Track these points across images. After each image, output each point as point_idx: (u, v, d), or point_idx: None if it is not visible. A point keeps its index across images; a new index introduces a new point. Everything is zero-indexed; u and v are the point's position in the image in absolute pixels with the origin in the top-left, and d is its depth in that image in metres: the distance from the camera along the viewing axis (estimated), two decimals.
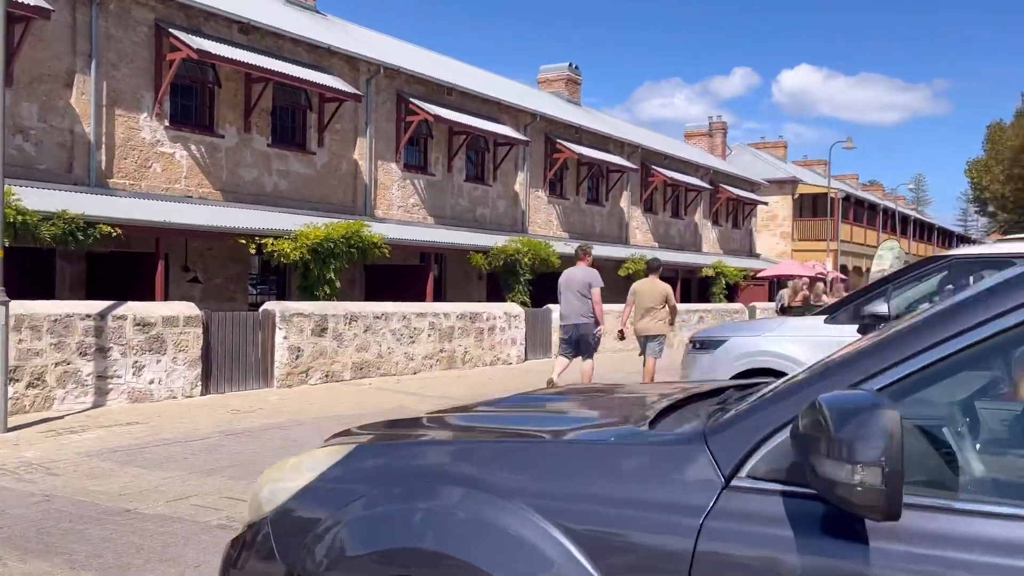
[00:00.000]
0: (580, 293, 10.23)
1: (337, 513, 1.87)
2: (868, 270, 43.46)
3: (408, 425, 2.44)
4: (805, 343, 6.06)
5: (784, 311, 19.96)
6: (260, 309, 11.63)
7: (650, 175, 27.43)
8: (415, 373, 13.56)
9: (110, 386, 9.32)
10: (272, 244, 13.59)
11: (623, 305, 11.64)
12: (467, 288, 20.97)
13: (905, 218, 53.41)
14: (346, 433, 2.39)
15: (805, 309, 22.38)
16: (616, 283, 24.90)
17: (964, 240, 74.62)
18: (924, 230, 58.65)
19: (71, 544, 4.49)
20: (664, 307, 10.70)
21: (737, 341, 6.40)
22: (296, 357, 11.54)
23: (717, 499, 1.56)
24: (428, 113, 18.52)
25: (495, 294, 19.59)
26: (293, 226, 14.11)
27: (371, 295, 17.46)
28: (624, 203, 26.83)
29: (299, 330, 11.62)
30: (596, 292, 10.21)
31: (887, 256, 34.29)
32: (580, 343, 10.53)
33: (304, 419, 8.99)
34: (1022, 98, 48.85)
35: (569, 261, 10.32)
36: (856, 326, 5.88)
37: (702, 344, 6.70)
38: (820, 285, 26.38)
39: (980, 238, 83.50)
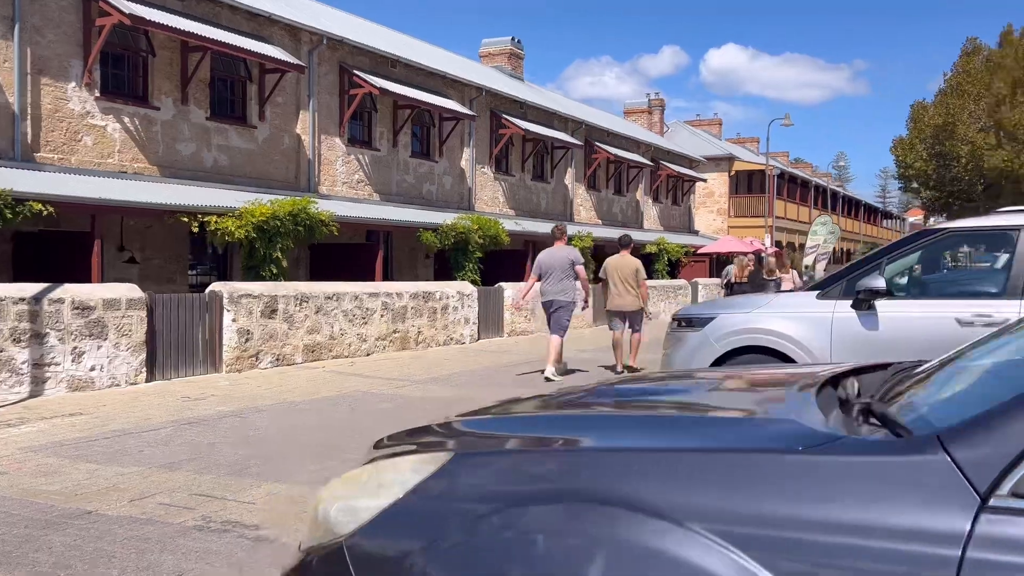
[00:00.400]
0: (563, 271, 10.42)
1: (442, 539, 1.52)
2: (802, 245, 44.45)
3: (488, 426, 2.07)
4: (798, 319, 5.92)
5: (730, 287, 20.18)
6: (207, 290, 11.03)
7: (594, 152, 27.31)
8: (368, 355, 13.15)
9: (48, 374, 8.69)
10: (216, 222, 12.94)
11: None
12: (414, 267, 20.54)
13: (834, 194, 54.77)
14: (400, 437, 2.04)
15: (752, 284, 22.56)
16: None
17: (887, 216, 77.05)
18: (851, 206, 60.29)
19: (31, 554, 4.04)
20: (635, 282, 10.99)
21: (726, 318, 6.23)
22: (245, 340, 11.00)
23: (975, 522, 1.24)
24: (373, 86, 17.93)
25: (443, 273, 19.24)
26: (236, 203, 13.47)
27: (316, 275, 16.89)
28: (568, 180, 26.67)
29: (248, 312, 11.08)
30: (581, 269, 10.57)
31: (821, 231, 35.06)
32: (552, 319, 10.69)
33: (260, 405, 8.54)
34: (943, 79, 50.26)
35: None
36: (850, 301, 5.77)
37: (688, 322, 6.51)
38: (772, 260, 26.73)
39: (899, 213, 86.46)
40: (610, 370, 11.46)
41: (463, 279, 17.66)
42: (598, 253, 24.37)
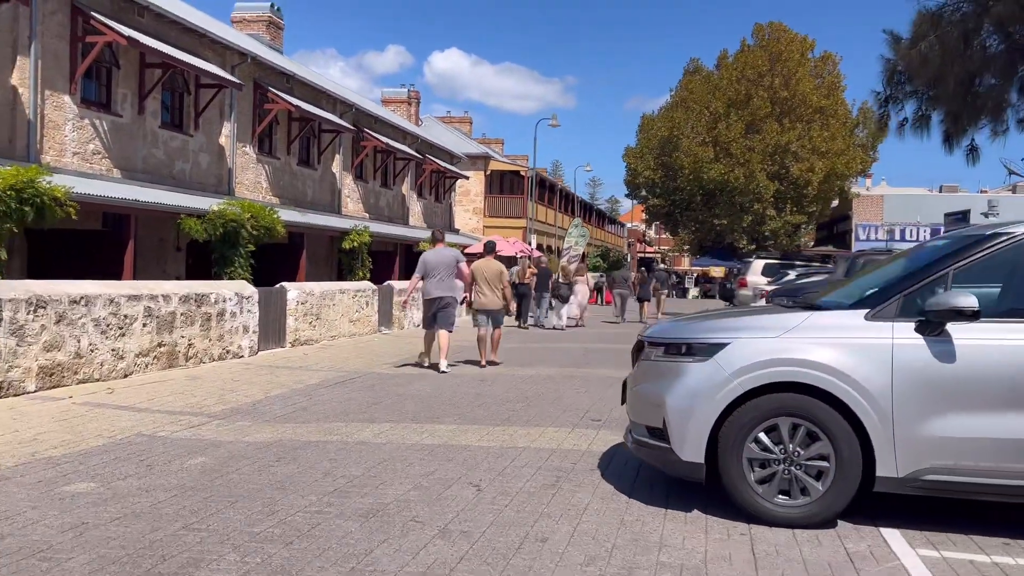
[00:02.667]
0: (449, 270, 11.30)
1: None
2: (550, 247, 45.24)
3: None
4: (847, 348, 4.54)
5: (514, 287, 19.36)
6: None
7: (362, 139, 25.01)
8: (126, 375, 10.04)
9: None
10: None
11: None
12: (161, 262, 16.99)
13: (573, 198, 56.80)
14: None
15: (540, 287, 21.72)
16: (331, 254, 22.34)
17: (612, 221, 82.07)
18: (589, 211, 63.08)
19: None
20: (500, 284, 12.12)
21: (747, 344, 4.69)
22: None
23: None
24: (116, 33, 14.31)
25: (200, 270, 16.04)
26: None
27: (37, 272, 13.07)
28: (336, 168, 24.13)
29: None
30: (464, 267, 11.48)
31: (574, 233, 35.64)
32: (439, 316, 11.33)
33: None
34: (671, 93, 53.96)
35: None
36: (913, 324, 4.47)
37: (686, 348, 4.87)
38: (570, 264, 26.15)
39: (620, 219, 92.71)
40: (475, 364, 12.18)
41: (232, 277, 14.72)
42: (372, 249, 22.16)
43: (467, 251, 29.05)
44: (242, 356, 12.57)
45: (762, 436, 4.63)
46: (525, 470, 5.86)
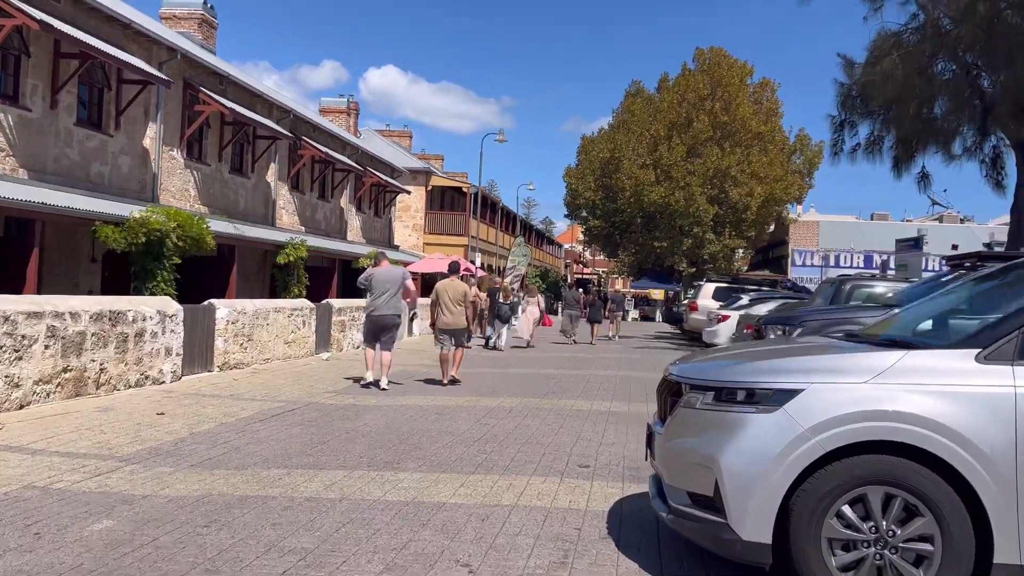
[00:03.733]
0: (396, 289, 11.27)
1: None
2: (490, 267, 44.17)
3: None
4: (955, 399, 3.56)
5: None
6: None
7: (300, 147, 23.58)
8: (23, 407, 8.55)
9: None
10: None
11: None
12: (73, 274, 15.30)
13: (514, 217, 56.00)
14: None
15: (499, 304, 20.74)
16: (264, 269, 20.82)
17: (551, 242, 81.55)
18: (529, 230, 62.34)
19: None
20: (463, 304, 11.98)
21: (825, 391, 3.68)
22: None
23: None
24: (27, 16, 12.73)
25: (117, 283, 14.45)
26: None
27: None
28: (272, 177, 22.63)
29: None
30: (411, 283, 11.57)
31: (518, 252, 34.68)
32: (382, 333, 11.31)
33: None
34: (613, 115, 53.84)
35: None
36: None
37: (747, 394, 3.83)
38: (510, 283, 25.13)
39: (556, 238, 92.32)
40: (436, 383, 12.12)
41: (154, 292, 13.22)
42: (308, 265, 20.76)
43: (409, 269, 27.80)
44: (163, 382, 11.11)
45: (846, 510, 3.62)
46: (521, 539, 4.73)
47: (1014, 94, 19.01)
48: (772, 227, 54.31)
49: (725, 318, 19.70)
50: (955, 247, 25.53)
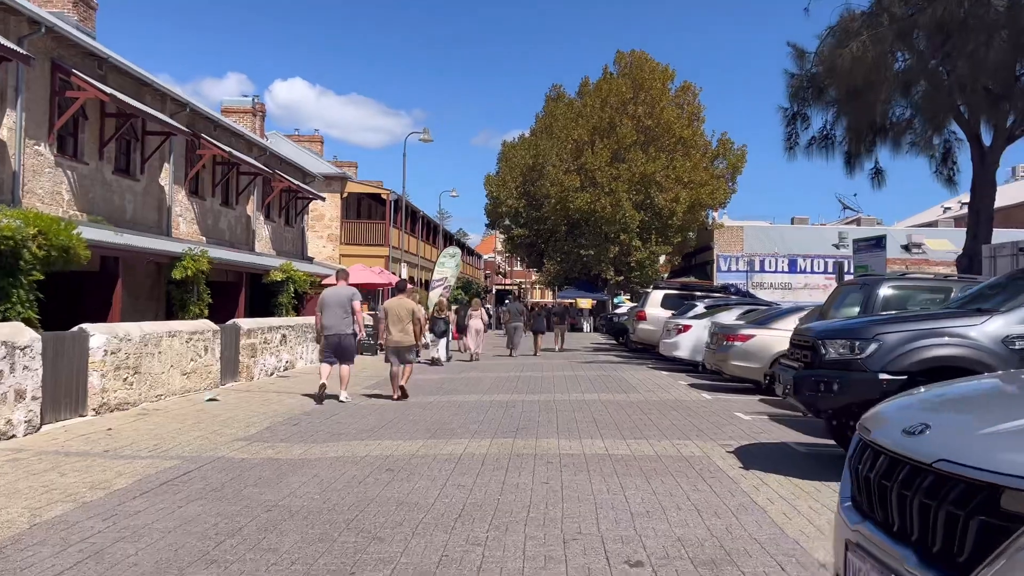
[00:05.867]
0: (344, 308, 11.73)
1: None
2: (426, 281, 41.54)
3: None
4: None
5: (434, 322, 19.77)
6: None
7: (199, 147, 20.66)
8: None
9: None
10: None
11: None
12: None
13: (436, 227, 53.58)
14: None
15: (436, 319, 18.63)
16: (159, 285, 17.83)
17: (471, 252, 79.24)
18: (449, 241, 59.89)
19: None
20: (410, 321, 12.10)
21: None
22: None
23: None
24: None
25: None
26: None
27: None
28: (166, 179, 19.64)
29: None
30: (357, 305, 11.90)
31: (448, 263, 32.28)
32: (340, 350, 11.80)
33: None
34: (536, 118, 52.18)
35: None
36: None
37: None
38: (443, 299, 22.85)
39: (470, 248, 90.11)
40: (387, 399, 12.16)
41: (7, 317, 10.35)
42: (210, 280, 17.91)
43: (326, 282, 25.06)
44: (13, 436, 8.34)
45: None
46: None
47: (981, 80, 17.91)
48: (695, 233, 53.52)
49: (686, 328, 17.84)
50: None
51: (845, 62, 17.58)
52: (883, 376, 6.09)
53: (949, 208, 65.72)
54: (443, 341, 19.95)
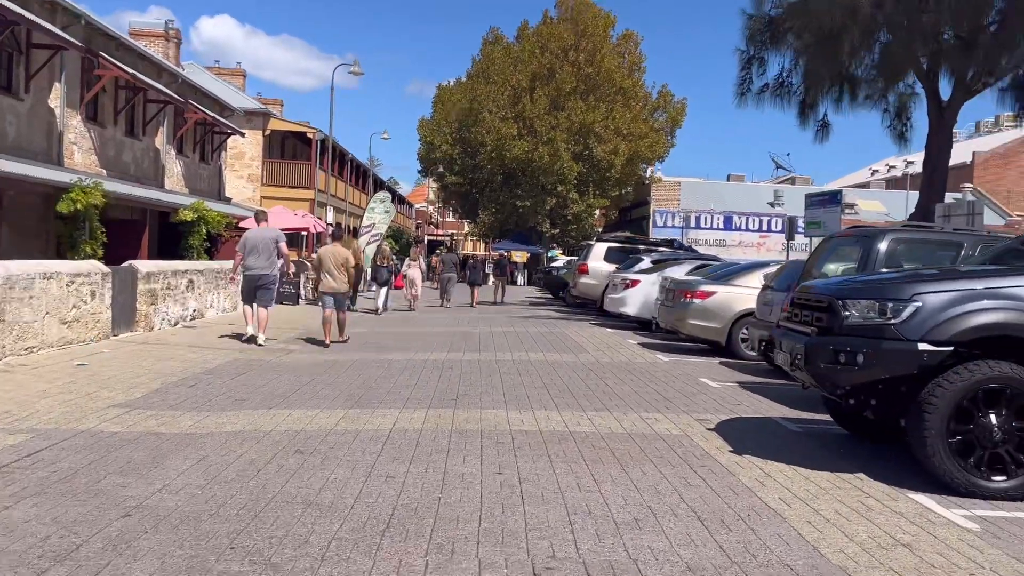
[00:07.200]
0: (269, 249, 11.72)
1: None
2: (340, 224, 39.41)
3: None
4: None
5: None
6: None
7: (97, 67, 18.28)
8: None
9: None
10: None
11: None
12: None
13: (366, 171, 51.27)
14: None
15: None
16: (47, 221, 15.67)
17: (402, 201, 76.79)
18: (380, 188, 57.55)
19: None
20: (345, 269, 12.06)
21: None
22: None
23: None
24: None
25: None
26: None
27: None
28: (56, 102, 17.27)
29: None
30: (283, 246, 12.03)
31: (378, 208, 30.42)
32: (261, 291, 11.72)
33: None
34: (472, 61, 50.13)
35: None
36: None
37: None
38: (386, 248, 21.24)
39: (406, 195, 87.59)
40: (319, 344, 11.93)
41: None
42: (107, 217, 15.89)
43: (243, 225, 23.03)
44: None
45: None
46: None
47: (948, 26, 17.00)
48: (632, 187, 52.54)
49: (634, 283, 16.66)
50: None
51: (821, 3, 16.42)
52: (923, 347, 4.88)
53: (877, 171, 66.44)
54: (384, 290, 19.36)
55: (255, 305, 11.78)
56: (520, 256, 50.62)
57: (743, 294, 12.03)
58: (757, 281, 11.97)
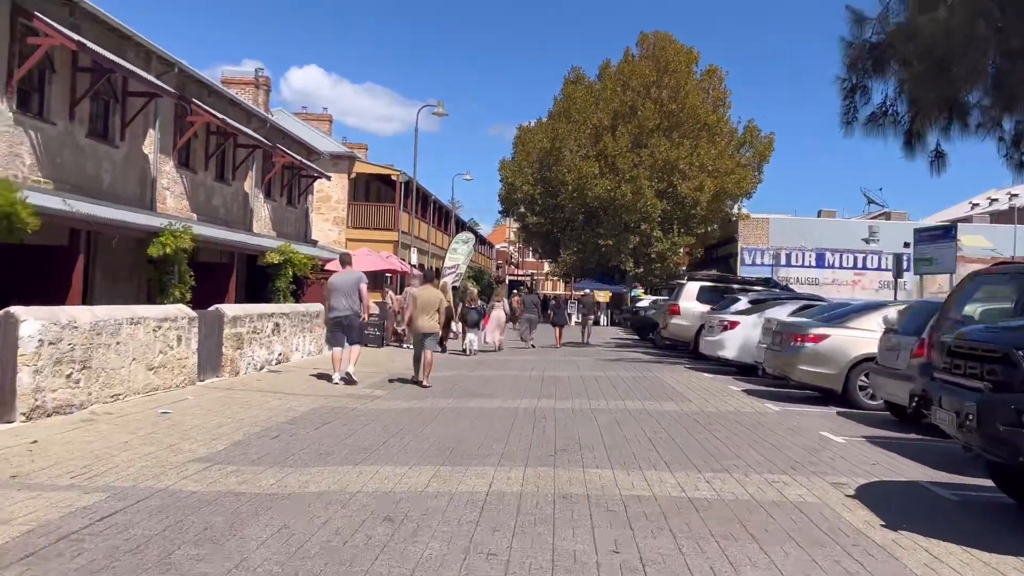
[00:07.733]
0: (352, 291, 12.16)
1: None
2: (437, 268, 39.48)
3: None
4: None
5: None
6: None
7: (190, 113, 18.62)
8: None
9: None
10: None
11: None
12: None
13: (448, 213, 51.55)
14: None
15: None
16: (139, 266, 15.85)
17: (482, 242, 77.14)
18: (462, 229, 57.81)
19: None
20: (437, 310, 12.55)
21: None
22: None
23: None
24: None
25: None
26: None
27: None
28: (150, 147, 17.60)
29: None
30: (364, 288, 12.32)
31: (461, 250, 30.29)
32: (349, 330, 12.28)
33: None
34: (554, 101, 49.95)
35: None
36: None
37: None
38: (474, 290, 20.94)
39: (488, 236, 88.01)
40: (413, 383, 12.27)
41: None
42: (196, 260, 15.94)
43: (328, 267, 23.05)
44: None
45: None
46: None
47: None
48: (718, 225, 51.19)
49: (733, 324, 15.72)
50: (907, 245, 22.49)
51: (931, 28, 15.41)
52: None
53: (978, 204, 63.22)
54: (473, 332, 19.16)
55: (345, 343, 12.22)
56: (603, 296, 49.72)
57: (860, 337, 11.04)
58: (875, 323, 10.97)
